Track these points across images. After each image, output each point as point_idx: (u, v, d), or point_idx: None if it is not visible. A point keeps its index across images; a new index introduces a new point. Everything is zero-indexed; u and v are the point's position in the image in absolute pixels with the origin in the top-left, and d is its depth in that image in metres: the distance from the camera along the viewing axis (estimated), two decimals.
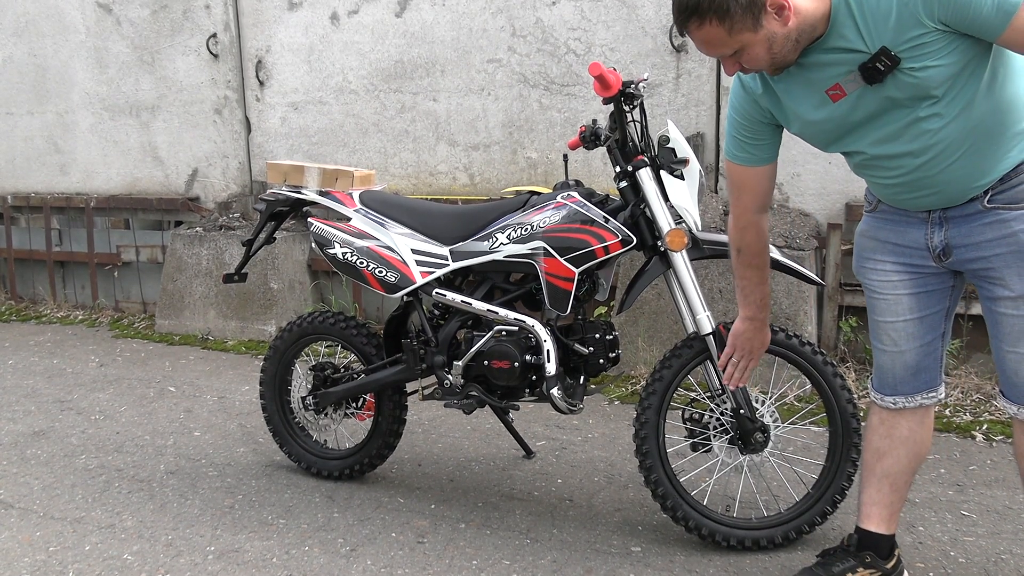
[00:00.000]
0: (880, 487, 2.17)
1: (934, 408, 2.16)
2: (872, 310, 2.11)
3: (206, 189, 5.71)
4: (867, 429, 2.21)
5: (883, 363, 2.13)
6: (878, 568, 2.19)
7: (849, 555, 2.22)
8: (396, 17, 4.92)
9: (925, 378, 2.10)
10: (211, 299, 5.19)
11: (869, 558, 2.19)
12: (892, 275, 2.04)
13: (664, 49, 4.30)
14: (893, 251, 2.03)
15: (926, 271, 2.00)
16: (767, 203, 2.13)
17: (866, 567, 2.19)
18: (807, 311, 3.80)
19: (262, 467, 3.21)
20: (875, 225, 2.07)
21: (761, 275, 2.20)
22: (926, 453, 2.18)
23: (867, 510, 2.20)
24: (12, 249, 6.28)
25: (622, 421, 3.59)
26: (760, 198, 2.10)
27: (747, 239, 2.15)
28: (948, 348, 2.14)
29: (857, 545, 2.21)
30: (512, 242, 2.57)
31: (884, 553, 2.20)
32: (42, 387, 4.31)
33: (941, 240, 1.93)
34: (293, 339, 3.03)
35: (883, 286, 2.06)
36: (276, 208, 3.00)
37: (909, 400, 2.11)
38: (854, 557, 2.21)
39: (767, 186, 2.10)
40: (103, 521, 2.80)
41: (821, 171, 4.03)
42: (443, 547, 2.56)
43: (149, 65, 5.70)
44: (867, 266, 2.09)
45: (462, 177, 4.94)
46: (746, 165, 2.07)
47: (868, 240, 2.09)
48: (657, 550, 2.50)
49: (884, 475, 2.16)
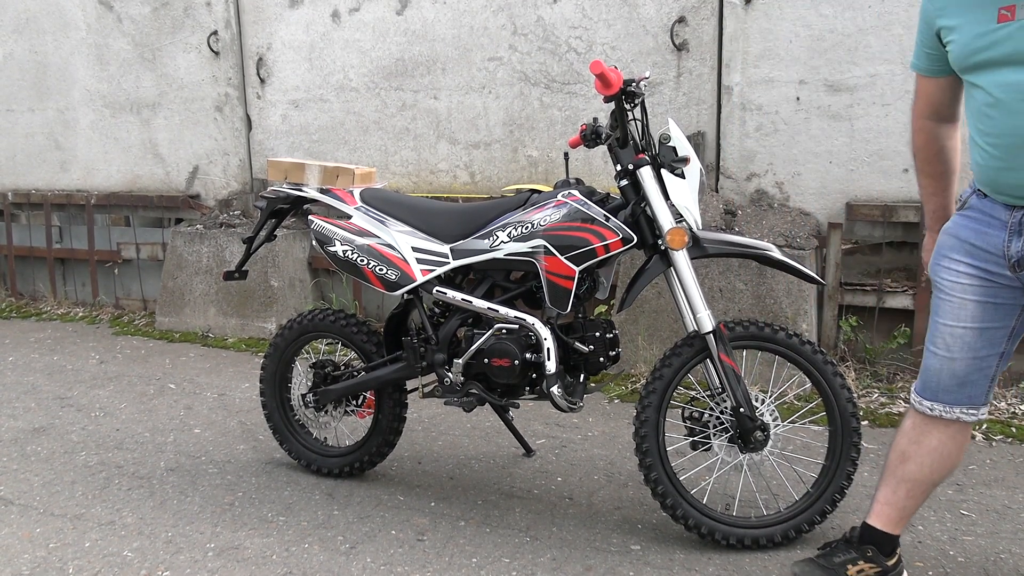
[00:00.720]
0: (897, 490, 2.16)
1: (971, 427, 2.11)
2: (935, 310, 2.07)
3: (207, 186, 5.71)
4: (898, 429, 2.19)
5: (931, 366, 2.08)
6: (878, 564, 2.20)
7: (851, 547, 2.22)
8: (397, 15, 4.92)
9: (970, 392, 2.05)
10: (211, 296, 5.19)
11: (870, 552, 2.19)
12: (963, 277, 2.00)
13: (665, 48, 4.30)
14: (970, 252, 1.99)
15: (999, 282, 1.96)
16: (943, 114, 2.11)
17: (867, 560, 2.20)
18: (807, 310, 3.80)
19: (262, 464, 3.21)
20: (960, 223, 2.04)
21: (935, 185, 2.19)
22: (953, 469, 2.13)
23: (878, 508, 2.20)
24: (12, 246, 6.29)
25: (622, 419, 3.59)
26: (932, 106, 2.10)
27: (917, 143, 2.15)
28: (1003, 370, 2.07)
29: (859, 538, 2.22)
30: (513, 240, 2.57)
31: (886, 551, 2.20)
32: (42, 384, 4.31)
33: (1019, 249, 1.89)
34: (293, 337, 3.03)
35: (952, 287, 2.02)
36: (277, 206, 2.99)
37: (947, 411, 2.07)
38: (855, 549, 2.21)
39: (939, 98, 2.08)
40: (103, 518, 2.80)
41: (822, 170, 4.03)
42: (443, 545, 2.56)
43: (150, 62, 5.70)
44: (942, 263, 2.06)
45: (463, 175, 4.94)
46: (919, 73, 2.08)
47: (949, 237, 2.06)
48: (656, 548, 2.51)
49: (903, 479, 2.15)
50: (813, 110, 4.02)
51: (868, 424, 3.42)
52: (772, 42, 4.05)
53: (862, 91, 3.91)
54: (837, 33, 3.92)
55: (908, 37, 3.79)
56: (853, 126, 3.95)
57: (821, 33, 3.94)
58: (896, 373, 3.87)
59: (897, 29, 3.80)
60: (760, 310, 3.83)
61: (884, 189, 3.94)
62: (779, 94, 4.07)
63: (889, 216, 3.87)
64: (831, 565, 2.21)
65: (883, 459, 3.08)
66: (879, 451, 3.17)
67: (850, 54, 3.91)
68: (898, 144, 3.88)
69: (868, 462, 3.06)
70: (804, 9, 3.96)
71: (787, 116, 4.07)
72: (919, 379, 2.13)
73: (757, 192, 4.20)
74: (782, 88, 4.06)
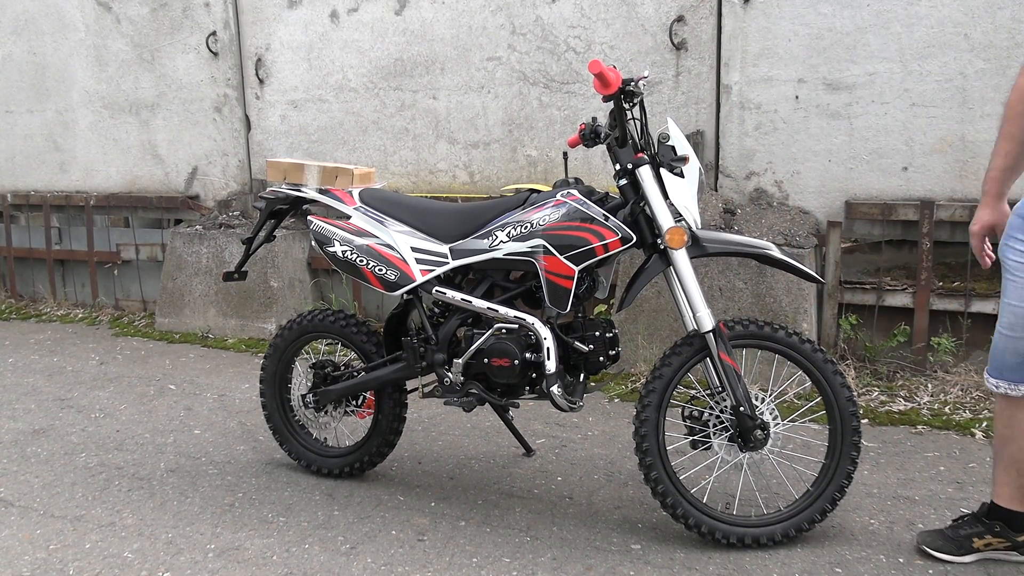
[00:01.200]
0: (1008, 470, 2.22)
1: None
2: (1004, 290, 2.14)
3: (206, 187, 5.71)
4: (995, 413, 2.26)
5: (998, 344, 2.16)
6: (1008, 539, 2.24)
7: (979, 522, 2.27)
8: (396, 15, 4.92)
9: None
10: (211, 297, 5.19)
11: (999, 527, 2.24)
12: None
13: (664, 47, 4.30)
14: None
15: None
16: None
17: (995, 535, 2.24)
18: (807, 309, 3.80)
19: (262, 465, 3.21)
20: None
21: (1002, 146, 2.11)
22: None
23: (999, 488, 2.25)
24: (12, 247, 6.28)
25: (622, 419, 3.59)
26: None
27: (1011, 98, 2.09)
28: None
29: (987, 514, 2.26)
30: (512, 240, 2.57)
31: (1017, 526, 2.24)
32: (42, 385, 4.31)
33: None
34: (293, 337, 3.03)
35: (1019, 268, 2.08)
36: (276, 206, 2.99)
37: (1012, 387, 2.14)
38: (983, 524, 2.26)
39: None
40: (103, 519, 2.80)
41: (821, 169, 4.03)
42: (443, 545, 2.56)
43: (149, 63, 5.70)
44: (1010, 244, 2.10)
45: (462, 175, 4.94)
46: None
47: (1018, 219, 2.10)
48: (657, 547, 2.51)
49: (1011, 461, 2.21)
50: (812, 109, 4.02)
51: (868, 423, 3.42)
52: (771, 41, 4.05)
53: (861, 89, 3.91)
54: (836, 31, 3.92)
55: (907, 35, 3.79)
56: (852, 124, 3.95)
57: (820, 32, 3.94)
58: (896, 371, 3.87)
59: (896, 27, 3.80)
60: (760, 309, 3.83)
61: (883, 187, 3.94)
62: (778, 93, 4.07)
63: (888, 214, 3.87)
64: (957, 537, 2.28)
65: (882, 457, 3.09)
66: (879, 449, 3.17)
67: (849, 52, 3.90)
68: (897, 142, 3.88)
69: (868, 461, 3.06)
70: (803, 8, 3.96)
71: (786, 115, 4.07)
72: (989, 360, 2.21)
73: (756, 191, 4.20)
74: (781, 87, 4.06)
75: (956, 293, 3.78)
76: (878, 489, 2.85)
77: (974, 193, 3.74)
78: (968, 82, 3.71)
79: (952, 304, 3.78)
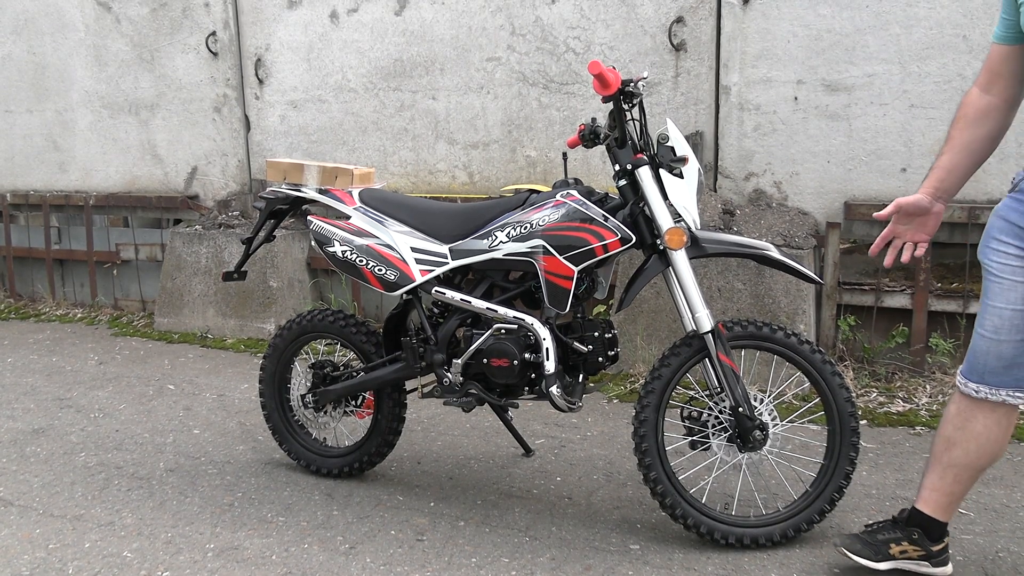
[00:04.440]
0: (944, 476, 2.17)
1: (1014, 413, 2.11)
2: (985, 292, 2.09)
3: (205, 187, 5.71)
4: (943, 417, 2.19)
5: (978, 348, 2.10)
6: (923, 548, 2.20)
7: (897, 527, 2.24)
8: (395, 15, 4.92)
9: (1016, 375, 2.06)
10: (210, 297, 5.19)
11: (916, 535, 2.20)
12: (1013, 260, 2.02)
13: (663, 48, 4.31)
14: (1019, 235, 2.01)
15: None
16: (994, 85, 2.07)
17: (911, 543, 2.21)
18: (806, 309, 3.80)
19: (261, 465, 3.22)
20: (1010, 206, 2.05)
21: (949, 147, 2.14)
22: (998, 455, 2.14)
23: (926, 494, 2.21)
24: (11, 247, 6.28)
25: (621, 419, 3.59)
26: (989, 75, 2.08)
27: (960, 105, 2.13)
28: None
29: (907, 520, 2.23)
30: (511, 240, 2.57)
31: (933, 536, 2.20)
32: (41, 385, 4.31)
33: None
34: (292, 337, 3.03)
35: (1001, 269, 2.04)
36: (275, 206, 3.00)
37: (993, 393, 2.08)
38: (901, 530, 2.22)
39: (999, 67, 2.06)
40: (103, 518, 2.80)
41: (820, 170, 4.04)
42: (442, 545, 2.57)
43: (148, 63, 5.70)
44: (991, 245, 2.07)
45: (461, 175, 4.94)
46: (993, 41, 2.07)
47: (999, 220, 2.07)
48: (656, 548, 2.51)
49: (950, 465, 2.16)
50: (811, 110, 4.02)
51: (866, 423, 3.43)
52: (770, 42, 4.06)
53: (860, 91, 3.91)
54: (835, 33, 3.92)
55: (905, 37, 3.80)
56: (851, 126, 3.96)
57: (819, 33, 3.95)
58: (894, 372, 3.87)
59: (895, 29, 3.81)
60: (758, 310, 3.83)
61: (882, 188, 3.95)
62: (777, 94, 4.08)
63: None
64: (874, 541, 2.24)
65: (880, 458, 3.09)
66: (878, 450, 3.17)
67: (848, 54, 3.91)
68: (896, 143, 3.89)
69: (867, 462, 3.06)
70: (802, 9, 3.97)
71: (785, 116, 4.08)
72: (966, 361, 2.15)
73: (755, 192, 4.20)
74: (780, 88, 4.07)
75: (954, 294, 3.78)
76: (877, 490, 2.85)
77: (972, 194, 3.75)
78: (967, 83, 3.72)
79: (950, 305, 3.79)
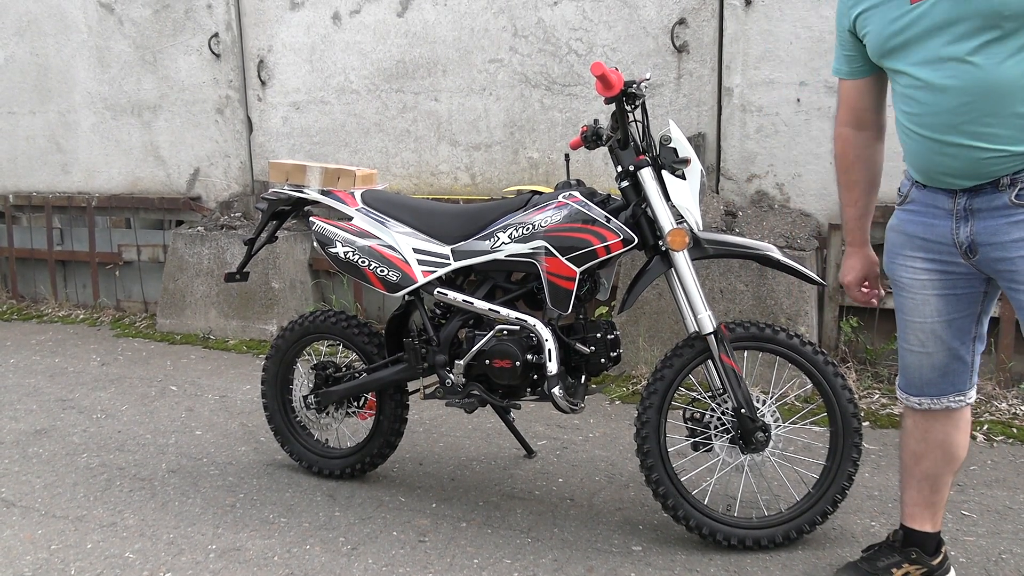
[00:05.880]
0: (921, 488, 2.17)
1: (967, 410, 2.12)
2: (900, 308, 2.08)
3: (208, 188, 5.71)
4: (902, 431, 2.19)
5: (910, 363, 2.10)
6: (923, 564, 2.19)
7: (894, 551, 2.21)
8: (398, 17, 4.93)
9: (953, 380, 2.06)
10: (212, 298, 5.19)
11: (915, 554, 2.19)
12: (921, 273, 2.01)
13: (666, 49, 4.31)
14: (922, 247, 1.99)
15: (956, 272, 1.96)
16: (864, 120, 2.13)
17: (912, 563, 2.19)
18: (808, 311, 3.80)
19: (263, 466, 3.22)
20: (904, 219, 2.05)
21: (849, 196, 2.21)
22: (963, 455, 2.15)
23: (910, 510, 2.20)
24: (14, 248, 6.29)
25: (623, 420, 3.59)
26: (852, 111, 2.11)
27: (836, 150, 2.18)
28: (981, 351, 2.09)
29: (903, 541, 2.21)
30: (514, 241, 2.57)
31: (930, 550, 2.19)
32: (44, 386, 4.32)
33: (967, 235, 1.89)
34: (295, 338, 3.03)
35: (912, 284, 2.03)
36: (278, 207, 3.00)
37: (935, 402, 2.08)
38: (899, 553, 2.20)
39: (859, 101, 2.10)
40: (105, 519, 2.81)
41: (822, 171, 4.04)
42: (444, 546, 2.57)
43: (151, 65, 5.71)
44: (897, 262, 2.06)
45: (463, 177, 4.94)
46: (840, 78, 2.10)
47: (898, 235, 2.06)
48: (658, 549, 2.51)
49: (924, 477, 2.16)
50: (813, 111, 4.02)
51: (869, 425, 3.42)
52: (772, 44, 4.06)
53: None
54: None
55: None
56: None
57: (821, 35, 3.95)
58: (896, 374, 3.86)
59: None
60: (761, 311, 3.83)
61: (884, 190, 3.91)
62: (779, 95, 4.08)
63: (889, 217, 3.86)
64: (875, 570, 2.20)
65: (883, 459, 3.08)
66: (880, 452, 3.17)
67: None
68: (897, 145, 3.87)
69: (869, 463, 3.06)
70: (804, 11, 3.97)
71: (787, 117, 4.08)
72: (901, 376, 2.15)
73: (758, 193, 4.20)
74: (782, 90, 4.07)
75: None
76: (879, 491, 2.85)
77: None
78: None
79: None
